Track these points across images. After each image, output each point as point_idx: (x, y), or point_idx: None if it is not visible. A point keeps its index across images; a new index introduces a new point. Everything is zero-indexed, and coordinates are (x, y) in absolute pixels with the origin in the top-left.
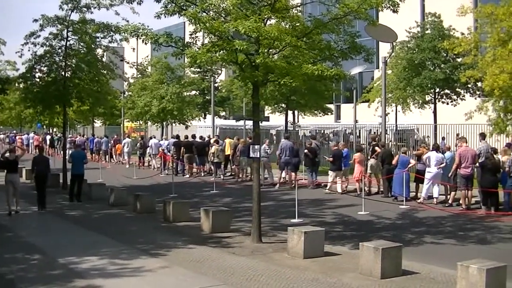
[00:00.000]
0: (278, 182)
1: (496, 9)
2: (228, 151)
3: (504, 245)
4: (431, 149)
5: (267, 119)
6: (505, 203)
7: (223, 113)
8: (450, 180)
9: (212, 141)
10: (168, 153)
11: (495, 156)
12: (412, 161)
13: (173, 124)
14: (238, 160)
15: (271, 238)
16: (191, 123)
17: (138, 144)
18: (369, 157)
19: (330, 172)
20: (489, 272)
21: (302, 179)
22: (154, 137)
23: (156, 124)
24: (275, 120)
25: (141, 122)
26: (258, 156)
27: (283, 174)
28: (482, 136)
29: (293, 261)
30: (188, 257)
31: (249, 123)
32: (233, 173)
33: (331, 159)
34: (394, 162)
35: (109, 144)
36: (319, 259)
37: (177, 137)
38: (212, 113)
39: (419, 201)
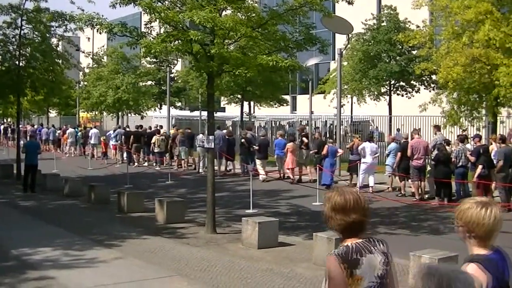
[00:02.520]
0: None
1: (451, 3)
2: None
3: (456, 235)
4: (365, 140)
5: (223, 110)
6: (457, 193)
7: (179, 104)
8: (395, 170)
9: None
10: (116, 143)
11: (447, 147)
12: (340, 150)
13: (129, 115)
14: (177, 151)
15: (226, 229)
16: (146, 114)
17: (80, 133)
18: (299, 148)
19: (257, 161)
20: (440, 262)
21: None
22: (95, 127)
23: (111, 114)
24: (231, 111)
25: (96, 113)
26: (213, 146)
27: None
28: (437, 128)
29: (247, 251)
30: (142, 248)
31: (205, 114)
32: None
33: (257, 147)
34: (324, 152)
35: (57, 134)
36: (273, 250)
37: (140, 127)
38: (167, 104)
39: (369, 190)
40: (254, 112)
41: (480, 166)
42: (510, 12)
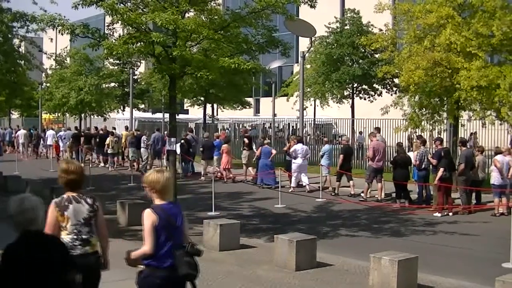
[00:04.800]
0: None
1: (413, 7)
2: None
3: (417, 237)
4: (297, 141)
5: (186, 112)
6: (419, 196)
7: (142, 106)
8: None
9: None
10: (65, 144)
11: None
12: (273, 151)
13: (92, 116)
14: (127, 151)
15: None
16: (109, 115)
17: (34, 134)
18: (241, 149)
19: (202, 161)
20: (400, 263)
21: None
22: (52, 129)
23: (74, 116)
24: (195, 113)
25: (58, 114)
26: (174, 148)
27: (157, 162)
28: (377, 130)
29: (209, 253)
30: None
31: (168, 116)
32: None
33: (201, 149)
34: (257, 153)
35: (12, 136)
36: (235, 252)
37: (96, 129)
38: (130, 106)
39: (290, 190)
40: (217, 115)
41: (441, 169)
42: (471, 17)
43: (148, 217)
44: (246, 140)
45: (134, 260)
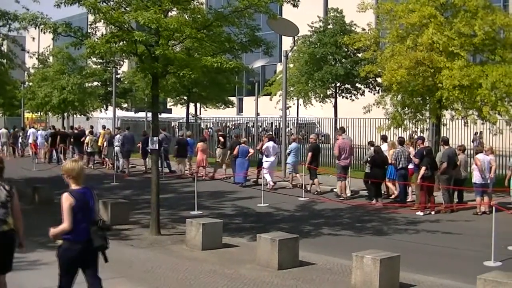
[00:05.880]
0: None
1: (395, 6)
2: (100, 142)
3: (399, 236)
4: (268, 140)
5: (169, 111)
6: (400, 194)
7: (125, 105)
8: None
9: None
10: (45, 143)
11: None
12: (251, 150)
13: (75, 116)
14: (105, 150)
15: (170, 230)
16: (92, 115)
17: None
18: (216, 147)
19: (176, 159)
20: (383, 262)
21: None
22: (34, 127)
23: (57, 115)
24: (178, 112)
25: (41, 113)
26: (156, 147)
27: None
28: (342, 130)
29: (192, 253)
30: None
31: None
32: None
33: (175, 147)
34: (235, 152)
35: None
36: (217, 251)
37: (71, 128)
38: (113, 105)
39: (268, 187)
40: (200, 114)
41: (423, 168)
42: (453, 16)
43: (66, 200)
44: (221, 139)
45: (55, 236)
